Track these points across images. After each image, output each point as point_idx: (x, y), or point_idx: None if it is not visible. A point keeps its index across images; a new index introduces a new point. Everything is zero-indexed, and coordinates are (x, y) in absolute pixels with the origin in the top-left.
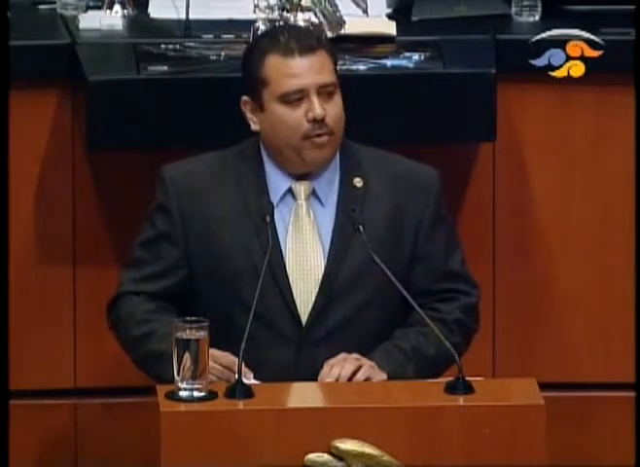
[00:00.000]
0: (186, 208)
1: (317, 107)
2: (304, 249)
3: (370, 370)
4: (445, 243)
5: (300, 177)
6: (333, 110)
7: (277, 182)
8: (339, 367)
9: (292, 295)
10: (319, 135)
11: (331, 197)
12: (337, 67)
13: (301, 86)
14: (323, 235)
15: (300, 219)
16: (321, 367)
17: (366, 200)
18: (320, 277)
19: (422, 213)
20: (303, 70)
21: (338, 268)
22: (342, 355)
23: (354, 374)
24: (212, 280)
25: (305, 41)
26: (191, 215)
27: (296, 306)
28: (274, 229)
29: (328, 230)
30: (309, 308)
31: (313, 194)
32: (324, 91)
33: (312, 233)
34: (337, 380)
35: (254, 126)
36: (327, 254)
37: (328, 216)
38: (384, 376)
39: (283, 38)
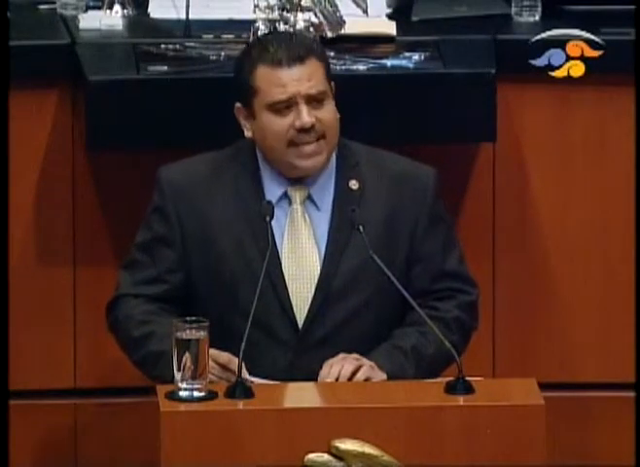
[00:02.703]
0: (183, 210)
1: (305, 116)
2: (301, 252)
3: (370, 370)
4: (443, 243)
5: (295, 182)
6: (324, 116)
7: (273, 186)
8: (339, 367)
9: (288, 298)
10: (307, 143)
11: (326, 201)
12: (338, 67)
13: (288, 94)
14: (319, 239)
15: (295, 223)
16: (318, 369)
17: (361, 203)
18: (316, 280)
19: (418, 213)
20: (292, 80)
21: (335, 270)
22: (342, 355)
23: (354, 374)
24: (209, 282)
25: (294, 50)
26: (188, 216)
27: (292, 310)
28: (272, 230)
29: (324, 233)
30: (306, 311)
31: (309, 198)
32: (314, 100)
33: (308, 237)
34: (336, 380)
35: (247, 133)
36: (323, 257)
37: (324, 219)
38: (384, 376)
39: (272, 47)
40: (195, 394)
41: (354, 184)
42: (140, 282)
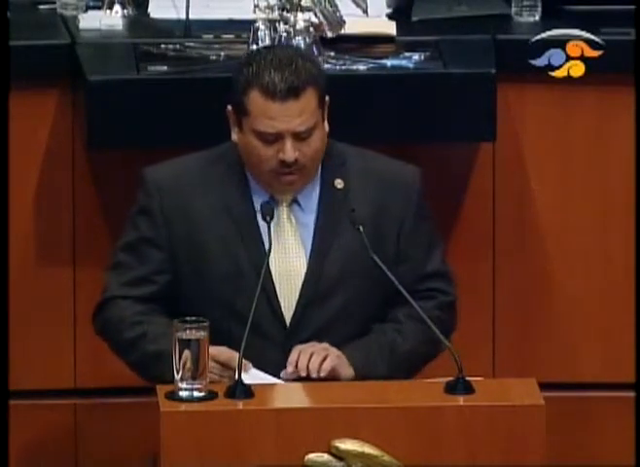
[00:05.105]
0: (169, 210)
1: (289, 152)
2: (287, 252)
3: (336, 359)
4: (427, 243)
5: None
6: (308, 149)
7: (259, 189)
8: (307, 357)
9: (276, 297)
10: (287, 174)
11: (312, 202)
12: (338, 67)
13: (277, 130)
14: (305, 239)
15: (281, 224)
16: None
17: (346, 202)
18: (302, 279)
19: (404, 213)
20: (282, 115)
21: (320, 269)
22: (311, 344)
23: (321, 364)
24: (196, 282)
25: (290, 81)
26: (174, 217)
27: (280, 308)
28: (258, 232)
29: (310, 233)
30: (293, 310)
31: (295, 201)
32: (301, 134)
33: (294, 237)
34: (307, 374)
35: (234, 136)
36: (309, 256)
37: (310, 219)
38: (350, 369)
39: (268, 75)
40: (195, 394)
41: (339, 183)
42: (128, 284)
